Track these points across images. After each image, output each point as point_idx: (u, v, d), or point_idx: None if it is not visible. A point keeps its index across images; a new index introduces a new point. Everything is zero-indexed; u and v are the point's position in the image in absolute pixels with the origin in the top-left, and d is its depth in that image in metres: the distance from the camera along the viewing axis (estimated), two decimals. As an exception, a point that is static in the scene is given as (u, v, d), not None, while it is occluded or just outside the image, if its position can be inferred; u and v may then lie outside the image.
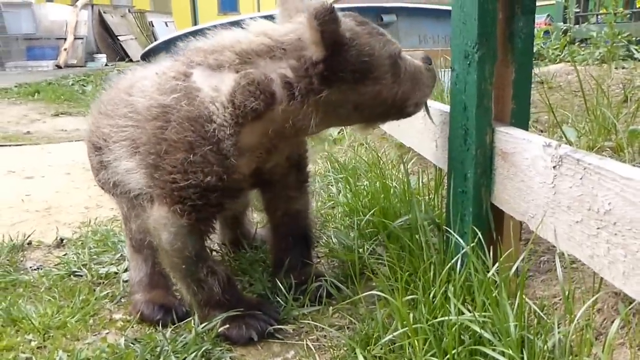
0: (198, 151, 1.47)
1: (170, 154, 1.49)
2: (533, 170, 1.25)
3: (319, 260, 2.07)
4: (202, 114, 1.48)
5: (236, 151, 1.50)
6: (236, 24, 1.62)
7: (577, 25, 5.78)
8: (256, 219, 2.28)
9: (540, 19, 8.69)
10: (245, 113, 1.47)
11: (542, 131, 2.43)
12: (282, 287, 1.73)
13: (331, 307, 1.67)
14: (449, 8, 1.53)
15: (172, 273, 1.67)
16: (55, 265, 2.17)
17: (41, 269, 2.12)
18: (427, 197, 2.06)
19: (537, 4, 1.43)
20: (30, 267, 2.15)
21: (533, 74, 1.64)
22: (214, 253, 2.16)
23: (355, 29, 1.49)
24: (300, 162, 1.83)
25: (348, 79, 1.48)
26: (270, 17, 1.62)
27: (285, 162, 1.75)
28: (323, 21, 1.37)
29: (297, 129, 1.53)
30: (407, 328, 1.27)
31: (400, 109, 1.60)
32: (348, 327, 1.57)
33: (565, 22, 5.90)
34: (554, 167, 1.17)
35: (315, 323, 1.59)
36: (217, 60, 1.51)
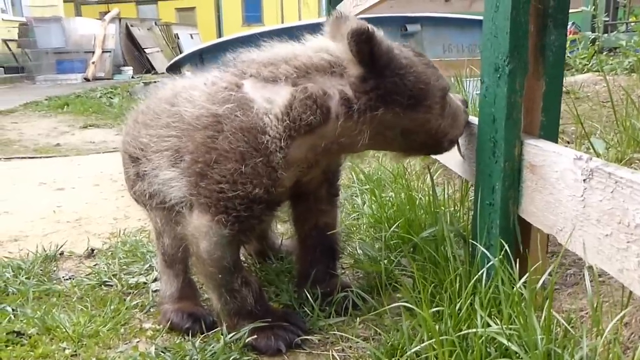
0: (249, 162, 1.48)
1: (221, 163, 1.49)
2: (562, 183, 1.25)
3: (344, 271, 2.08)
4: (256, 125, 1.49)
5: (284, 164, 1.52)
6: (260, 36, 1.65)
7: (605, 34, 5.72)
8: (280, 230, 2.30)
9: (565, 28, 8.62)
10: (299, 127, 1.49)
11: (569, 142, 2.41)
12: (309, 298, 1.74)
13: (357, 318, 1.68)
14: (474, 17, 1.55)
15: (206, 281, 1.68)
16: (87, 275, 2.21)
17: (73, 279, 2.16)
18: (452, 209, 2.06)
19: (566, 8, 1.43)
20: (63, 277, 2.19)
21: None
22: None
23: (412, 58, 1.56)
24: (334, 176, 1.86)
25: (403, 103, 1.52)
26: (293, 29, 1.65)
27: (320, 175, 1.77)
28: (357, 40, 1.42)
29: (345, 145, 1.57)
30: (433, 340, 1.27)
31: (438, 143, 1.67)
32: (373, 338, 1.58)
33: (593, 31, 5.84)
34: (584, 180, 1.16)
35: (341, 334, 1.59)
36: (272, 73, 1.53)
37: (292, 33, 1.63)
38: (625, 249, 1.05)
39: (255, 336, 1.59)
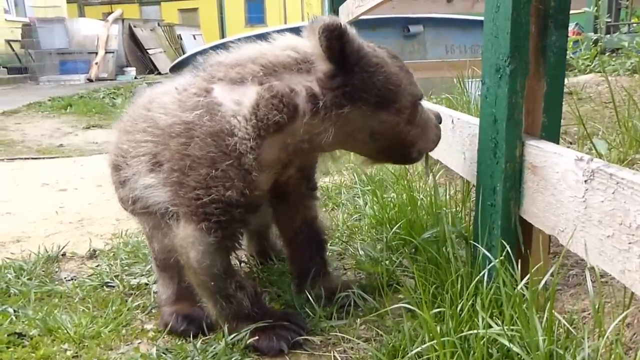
0: (220, 166, 1.48)
1: (194, 170, 1.50)
2: (563, 184, 1.24)
3: (345, 272, 2.08)
4: (223, 128, 1.49)
5: (257, 165, 1.52)
6: (262, 36, 1.65)
7: (608, 35, 5.71)
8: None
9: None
10: (267, 126, 1.49)
11: (571, 143, 2.41)
12: (310, 299, 1.74)
13: (358, 319, 1.68)
14: (476, 18, 1.55)
15: (200, 290, 1.67)
16: (89, 276, 2.21)
17: (75, 280, 2.17)
18: (454, 210, 2.06)
19: (568, 7, 1.43)
20: (65, 278, 2.19)
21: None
22: (243, 264, 2.19)
23: (385, 59, 1.56)
24: (310, 172, 1.87)
25: (371, 102, 1.52)
26: (297, 30, 1.64)
27: (297, 174, 1.78)
28: (328, 35, 1.41)
29: (313, 144, 1.57)
30: (434, 341, 1.27)
31: (406, 151, 1.67)
32: (375, 339, 1.57)
33: (596, 32, 5.83)
34: (585, 181, 1.16)
35: (342, 335, 1.59)
36: (239, 74, 1.53)
37: (295, 33, 1.62)
38: (627, 250, 1.05)
39: (257, 337, 1.58)
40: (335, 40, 1.42)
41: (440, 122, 1.73)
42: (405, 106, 1.57)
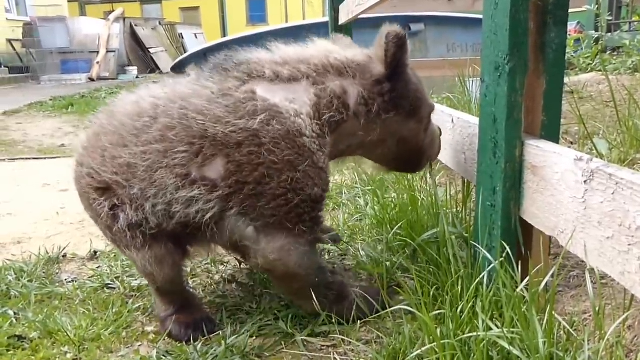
0: (300, 168, 1.49)
1: (274, 177, 1.47)
2: (563, 185, 1.23)
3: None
4: (291, 129, 1.49)
5: (326, 162, 1.57)
6: (264, 35, 1.67)
7: (609, 34, 5.69)
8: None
9: (570, 27, 8.57)
10: (329, 124, 1.55)
11: (572, 143, 2.40)
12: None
13: (359, 321, 1.67)
14: (478, 16, 1.55)
15: (300, 295, 1.66)
16: (89, 277, 2.20)
17: (76, 281, 2.16)
18: (455, 210, 2.05)
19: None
20: (66, 280, 2.19)
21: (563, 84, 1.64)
22: (242, 265, 2.18)
23: (413, 70, 1.67)
24: None
25: (406, 110, 1.64)
26: (298, 29, 1.67)
27: None
28: (392, 42, 1.51)
29: (354, 146, 1.68)
30: (434, 343, 1.26)
31: (419, 159, 1.81)
32: (375, 342, 1.57)
33: (597, 30, 5.81)
34: (584, 181, 1.15)
35: (342, 337, 1.59)
36: (291, 73, 1.55)
37: (297, 32, 1.64)
38: (627, 251, 1.04)
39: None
40: (399, 48, 1.52)
41: (441, 134, 1.86)
42: (424, 116, 1.71)
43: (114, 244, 1.71)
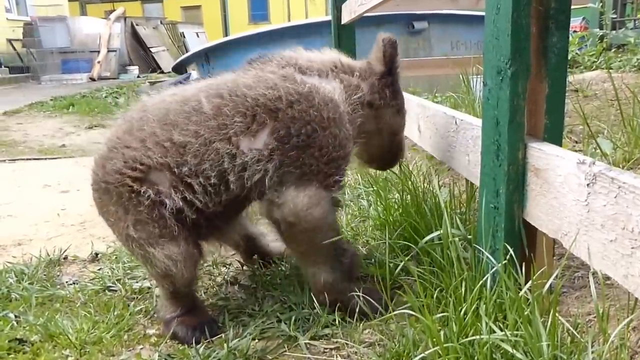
0: (342, 127, 1.71)
1: (319, 132, 1.65)
2: (566, 187, 1.23)
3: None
4: (334, 99, 1.72)
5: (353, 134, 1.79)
6: (266, 34, 1.70)
7: (613, 31, 5.66)
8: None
9: (575, 23, 8.52)
10: (357, 103, 1.81)
11: (576, 142, 2.39)
12: (314, 303, 1.74)
13: (362, 324, 1.67)
14: (482, 14, 1.54)
15: (316, 252, 1.73)
16: (91, 280, 2.20)
17: (77, 284, 2.16)
18: (458, 211, 2.04)
19: (572, 6, 1.41)
20: (67, 282, 2.19)
21: (567, 83, 1.63)
22: (244, 267, 2.18)
23: None
24: None
25: (398, 105, 1.95)
26: (301, 27, 1.72)
27: None
28: (387, 44, 1.85)
29: (361, 132, 1.86)
30: (438, 347, 1.26)
31: (397, 153, 2.08)
32: (379, 344, 1.56)
33: (601, 28, 5.79)
34: (587, 184, 1.15)
35: (345, 341, 1.58)
36: (319, 69, 1.82)
37: (299, 31, 1.68)
38: (630, 254, 1.04)
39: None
40: (393, 49, 1.86)
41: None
42: (405, 113, 2.02)
43: (134, 244, 1.67)
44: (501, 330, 1.24)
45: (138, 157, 1.64)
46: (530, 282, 1.30)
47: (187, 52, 13.15)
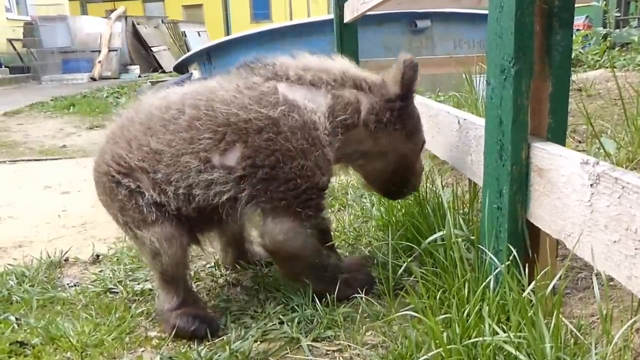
0: (311, 156, 1.66)
1: (287, 163, 1.64)
2: (570, 188, 1.22)
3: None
4: (307, 122, 1.67)
5: (334, 158, 1.76)
6: (268, 33, 1.69)
7: (617, 30, 5.63)
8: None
9: (578, 21, 8.49)
10: (340, 125, 1.74)
11: (580, 142, 2.38)
12: (317, 305, 1.74)
13: (364, 325, 1.66)
14: (485, 12, 1.52)
15: (300, 274, 1.79)
16: (92, 282, 2.19)
17: (78, 286, 2.15)
18: (461, 211, 2.03)
19: (575, 4, 1.40)
20: (68, 284, 2.18)
21: (571, 82, 1.62)
22: (244, 270, 2.17)
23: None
24: None
25: (408, 129, 1.85)
26: (303, 27, 1.71)
27: None
28: (408, 66, 1.75)
29: (358, 152, 1.85)
30: (441, 348, 1.25)
31: (406, 182, 1.96)
32: (381, 346, 1.55)
33: (605, 27, 5.75)
34: (591, 185, 1.14)
35: (347, 343, 1.58)
36: (313, 78, 1.75)
37: (301, 30, 1.67)
38: (634, 255, 1.03)
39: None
40: (413, 72, 1.76)
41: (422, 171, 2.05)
42: (420, 142, 1.92)
43: (125, 227, 1.78)
44: (504, 331, 1.23)
45: (123, 156, 1.72)
46: (533, 283, 1.29)
47: (188, 51, 13.12)
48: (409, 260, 1.70)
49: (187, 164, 1.65)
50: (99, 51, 16.76)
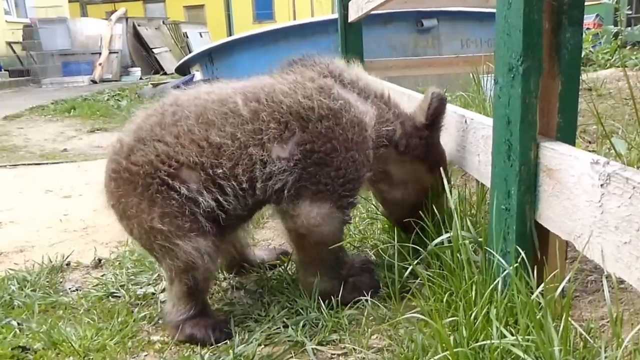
0: (362, 151, 1.73)
1: (341, 152, 1.69)
2: (579, 188, 1.20)
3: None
4: (362, 120, 1.74)
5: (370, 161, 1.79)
6: (271, 33, 1.68)
7: (628, 28, 5.58)
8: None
9: (588, 20, 8.43)
10: (380, 136, 1.81)
11: (590, 142, 2.35)
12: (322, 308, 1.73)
13: (369, 329, 1.64)
14: (492, 11, 1.51)
15: (318, 263, 1.80)
16: (94, 286, 2.17)
17: (80, 290, 2.14)
18: (469, 212, 2.01)
19: (585, 3, 1.38)
20: (70, 289, 2.17)
21: (580, 81, 1.60)
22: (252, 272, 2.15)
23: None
24: None
25: (432, 161, 1.91)
26: (305, 27, 1.69)
27: None
28: (435, 99, 1.85)
29: (381, 172, 1.89)
30: (447, 352, 1.23)
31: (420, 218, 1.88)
32: (387, 349, 1.54)
33: (616, 25, 5.70)
34: (601, 185, 1.12)
35: (352, 346, 1.56)
36: (364, 87, 1.85)
37: (305, 30, 1.66)
38: (644, 257, 1.01)
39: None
40: (441, 105, 1.87)
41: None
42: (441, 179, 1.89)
43: (158, 236, 1.64)
44: (512, 334, 1.21)
45: (172, 153, 1.65)
46: (542, 285, 1.27)
47: (190, 52, 13.09)
48: (415, 262, 1.68)
49: (252, 156, 1.65)
50: (100, 53, 16.75)
